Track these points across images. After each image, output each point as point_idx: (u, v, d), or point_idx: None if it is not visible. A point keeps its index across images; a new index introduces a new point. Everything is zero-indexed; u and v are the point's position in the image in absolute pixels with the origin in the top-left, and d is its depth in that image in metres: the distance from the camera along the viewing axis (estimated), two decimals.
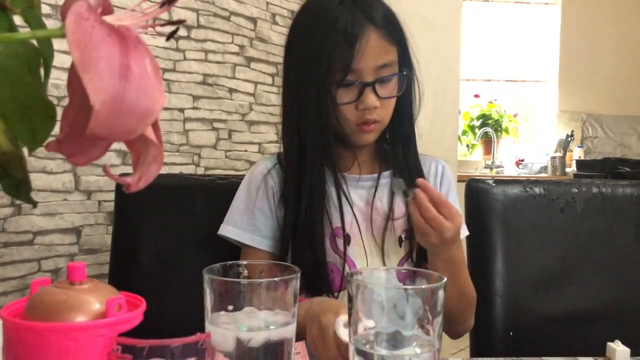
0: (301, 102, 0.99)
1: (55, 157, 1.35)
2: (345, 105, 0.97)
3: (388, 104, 0.99)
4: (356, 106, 0.97)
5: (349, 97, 0.97)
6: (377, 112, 0.97)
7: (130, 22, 0.35)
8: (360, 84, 0.96)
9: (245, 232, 1.02)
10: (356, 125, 0.98)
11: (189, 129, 1.71)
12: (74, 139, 0.36)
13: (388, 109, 1.00)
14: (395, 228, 1.03)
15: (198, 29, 1.71)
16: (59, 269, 1.40)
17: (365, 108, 0.96)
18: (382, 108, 0.98)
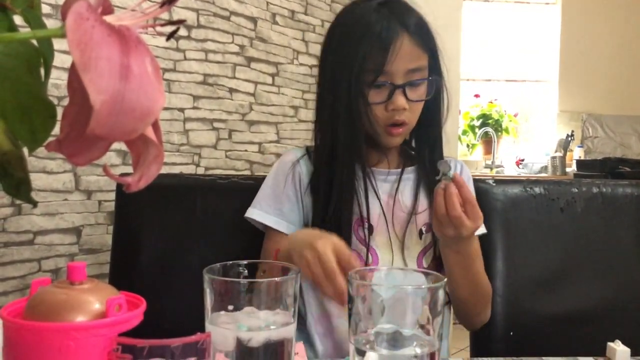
0: (335, 102, 1.04)
1: (56, 157, 1.35)
2: (376, 105, 1.01)
3: (416, 107, 1.04)
4: (386, 107, 1.01)
5: (380, 98, 1.01)
6: (405, 114, 1.02)
7: (130, 22, 0.35)
8: (391, 85, 1.00)
9: (270, 216, 1.06)
10: (385, 126, 1.03)
11: (189, 129, 1.71)
12: (74, 139, 0.36)
13: (416, 113, 1.04)
14: (416, 221, 1.07)
15: (198, 29, 1.71)
16: (59, 269, 1.40)
17: (395, 109, 1.01)
18: (410, 111, 1.02)
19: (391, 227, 1.06)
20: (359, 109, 1.02)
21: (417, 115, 1.05)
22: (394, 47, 0.99)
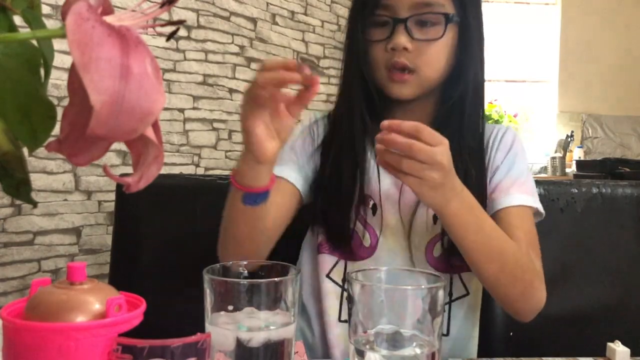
0: (345, 49, 0.94)
1: (56, 157, 1.35)
2: (375, 44, 0.89)
3: (425, 50, 0.88)
4: (386, 47, 0.88)
5: (380, 36, 0.89)
6: (409, 57, 0.87)
7: (130, 23, 0.35)
8: (393, 20, 0.87)
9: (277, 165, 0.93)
10: (386, 70, 0.89)
11: (189, 129, 1.71)
12: (74, 139, 0.36)
13: (425, 57, 0.88)
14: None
15: (198, 29, 1.71)
16: (59, 269, 1.40)
17: (393, 48, 0.87)
18: (416, 53, 0.87)
19: (399, 209, 0.92)
20: (359, 49, 0.90)
21: (430, 61, 0.88)
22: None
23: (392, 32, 0.87)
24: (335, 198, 0.92)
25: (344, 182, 0.91)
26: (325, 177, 0.93)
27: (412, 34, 0.86)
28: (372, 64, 0.90)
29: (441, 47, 0.89)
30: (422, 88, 0.90)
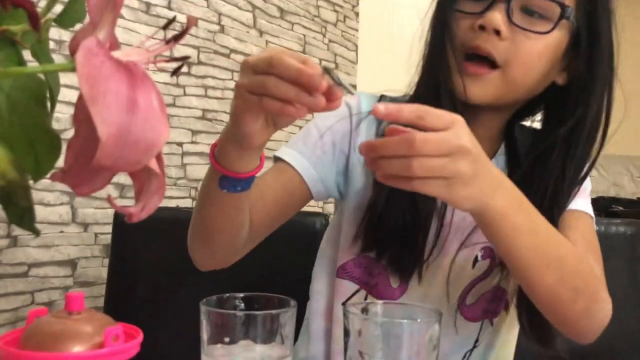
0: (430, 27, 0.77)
1: (54, 189, 1.36)
2: (460, 17, 0.72)
3: (522, 42, 0.70)
4: (474, 24, 0.70)
5: (473, 8, 0.71)
6: (495, 44, 0.69)
7: (137, 58, 0.36)
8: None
9: (288, 147, 0.80)
10: (461, 55, 0.71)
11: (186, 163, 1.72)
12: (78, 170, 0.37)
13: (520, 52, 0.70)
14: (472, 237, 0.77)
15: (198, 66, 1.74)
16: (52, 302, 1.39)
17: (482, 26, 0.69)
18: (509, 44, 0.69)
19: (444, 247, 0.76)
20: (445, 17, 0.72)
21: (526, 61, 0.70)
22: None
23: (488, 7, 0.69)
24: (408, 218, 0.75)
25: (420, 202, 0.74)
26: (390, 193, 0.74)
27: (513, 17, 0.69)
28: (448, 44, 0.72)
29: (544, 49, 0.71)
30: (501, 93, 0.71)
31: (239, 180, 0.64)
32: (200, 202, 0.72)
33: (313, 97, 0.52)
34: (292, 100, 0.52)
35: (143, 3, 1.55)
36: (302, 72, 0.51)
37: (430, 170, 0.53)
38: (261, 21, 1.97)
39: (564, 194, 0.75)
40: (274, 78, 0.52)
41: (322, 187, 0.81)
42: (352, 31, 2.41)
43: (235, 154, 0.63)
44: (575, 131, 0.74)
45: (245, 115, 0.58)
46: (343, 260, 0.84)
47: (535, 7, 0.70)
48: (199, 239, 0.75)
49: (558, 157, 0.74)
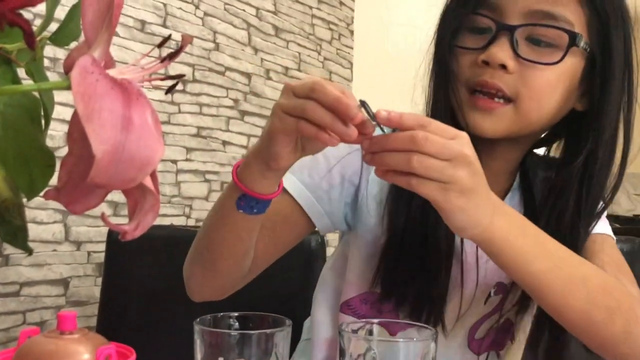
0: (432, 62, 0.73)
1: (47, 207, 1.35)
2: (463, 52, 0.68)
3: (531, 75, 0.65)
4: (476, 58, 0.66)
5: (475, 43, 0.67)
6: (503, 79, 0.65)
7: (132, 76, 0.36)
8: (496, 24, 0.65)
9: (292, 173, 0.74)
10: (467, 91, 0.68)
11: (181, 181, 1.72)
12: (72, 188, 0.36)
13: (531, 86, 0.65)
14: (487, 275, 0.73)
15: (193, 83, 1.75)
16: (44, 322, 1.37)
17: (486, 61, 0.65)
18: (518, 77, 0.65)
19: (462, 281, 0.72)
20: (445, 56, 0.69)
21: (538, 94, 0.65)
22: None
23: (491, 40, 0.65)
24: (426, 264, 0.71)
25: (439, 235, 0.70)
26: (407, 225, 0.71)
27: (518, 49, 0.65)
28: (452, 80, 0.69)
29: (556, 79, 0.67)
30: (514, 128, 0.68)
31: (257, 202, 0.64)
32: (210, 223, 0.71)
33: (347, 127, 0.52)
34: (327, 127, 0.53)
35: (138, 21, 1.56)
36: (340, 100, 0.51)
37: (429, 169, 0.52)
38: (256, 39, 1.98)
39: (582, 229, 0.72)
40: (312, 102, 0.53)
41: (329, 220, 0.78)
42: (347, 49, 2.43)
43: (259, 173, 0.63)
44: (589, 161, 0.70)
45: (279, 135, 0.58)
46: (348, 295, 0.81)
47: (542, 36, 0.66)
48: (200, 263, 0.74)
49: (573, 191, 0.71)
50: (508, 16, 0.66)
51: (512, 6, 0.65)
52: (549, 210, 0.72)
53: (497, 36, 0.66)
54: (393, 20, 2.50)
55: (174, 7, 1.66)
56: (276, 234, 0.75)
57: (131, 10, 1.54)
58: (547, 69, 0.66)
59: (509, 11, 0.66)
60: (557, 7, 0.65)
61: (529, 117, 0.68)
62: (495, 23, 0.66)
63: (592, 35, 0.67)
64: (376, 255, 0.77)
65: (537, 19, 0.65)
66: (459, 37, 0.69)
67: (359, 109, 0.52)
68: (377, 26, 2.47)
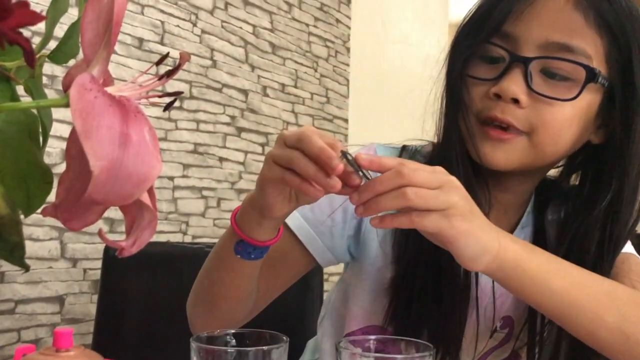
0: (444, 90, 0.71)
1: (43, 224, 1.35)
2: (474, 83, 0.65)
3: (547, 111, 0.62)
4: (488, 90, 0.64)
5: (487, 73, 0.65)
6: (515, 114, 0.62)
7: (130, 93, 0.37)
8: (510, 55, 0.63)
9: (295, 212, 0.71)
10: (478, 123, 0.65)
11: (177, 197, 1.72)
12: (69, 205, 0.37)
13: (546, 120, 0.62)
14: (495, 308, 0.71)
15: (190, 100, 1.75)
16: (39, 340, 1.36)
17: (498, 94, 0.62)
18: (531, 111, 0.63)
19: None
20: (456, 86, 0.66)
21: (551, 129, 0.62)
22: (531, 0, 0.62)
23: (503, 72, 0.63)
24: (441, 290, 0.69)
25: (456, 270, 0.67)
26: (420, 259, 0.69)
27: (533, 83, 0.62)
28: (462, 109, 0.66)
29: (572, 113, 0.63)
30: (527, 160, 0.65)
31: (254, 248, 0.64)
32: (210, 265, 0.71)
33: (330, 178, 0.52)
34: (311, 178, 0.53)
35: (135, 38, 1.57)
36: (322, 151, 0.52)
37: (425, 198, 0.51)
38: (253, 56, 1.99)
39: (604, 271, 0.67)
40: (299, 153, 0.53)
41: (331, 255, 0.77)
42: (344, 66, 2.45)
43: (255, 220, 0.63)
44: (614, 201, 0.66)
45: (268, 185, 0.58)
46: (351, 328, 0.80)
47: (557, 69, 0.63)
48: (202, 304, 0.74)
49: (595, 236, 0.67)
50: (522, 47, 0.63)
51: (527, 36, 0.63)
52: (565, 252, 0.68)
53: (510, 68, 0.63)
54: (389, 38, 2.52)
55: (171, 25, 1.68)
56: (277, 271, 0.74)
57: (129, 27, 1.55)
58: (562, 104, 0.63)
59: (524, 41, 0.63)
60: (575, 39, 0.62)
61: (543, 150, 0.65)
62: (509, 54, 0.63)
63: (612, 66, 0.64)
64: (380, 288, 0.75)
65: (553, 51, 0.62)
66: (470, 66, 0.67)
67: (342, 160, 0.53)
68: (373, 44, 2.49)
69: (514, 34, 0.63)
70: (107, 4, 0.34)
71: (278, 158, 0.56)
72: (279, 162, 0.56)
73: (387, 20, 2.49)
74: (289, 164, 0.54)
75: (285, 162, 0.55)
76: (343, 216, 0.76)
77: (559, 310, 0.57)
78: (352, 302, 0.80)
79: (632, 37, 0.63)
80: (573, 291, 0.57)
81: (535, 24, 0.62)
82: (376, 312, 0.77)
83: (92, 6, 0.34)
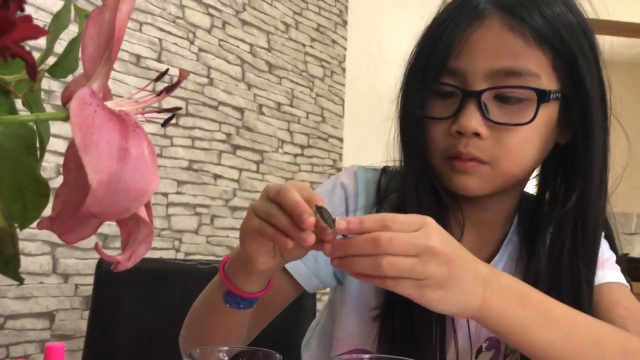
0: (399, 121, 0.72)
1: (35, 239, 1.34)
2: (434, 122, 0.66)
3: (505, 138, 0.64)
4: (450, 128, 0.65)
5: (442, 112, 0.66)
6: (479, 146, 0.63)
7: (129, 108, 0.37)
8: (461, 92, 0.64)
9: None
10: (444, 159, 0.66)
11: (171, 214, 1.72)
12: (66, 218, 0.37)
13: (507, 148, 0.64)
14: (478, 329, 0.71)
15: (186, 117, 1.76)
16: (28, 356, 1.34)
17: (459, 131, 0.64)
18: (493, 142, 0.64)
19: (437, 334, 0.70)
20: (412, 129, 0.68)
21: (513, 154, 0.64)
22: (470, 29, 0.63)
23: (459, 109, 0.64)
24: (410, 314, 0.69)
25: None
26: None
27: (489, 113, 0.63)
28: (429, 146, 0.67)
29: (532, 134, 0.64)
30: (496, 184, 0.67)
31: (243, 299, 0.64)
32: (200, 308, 0.72)
33: (303, 232, 0.53)
34: (285, 231, 0.54)
35: (133, 55, 1.58)
36: (296, 205, 0.53)
37: (400, 270, 0.51)
38: (250, 75, 2.01)
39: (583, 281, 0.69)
40: (276, 208, 0.55)
41: (317, 281, 0.77)
42: (339, 86, 2.46)
43: (242, 273, 0.63)
44: (582, 198, 0.67)
45: (247, 235, 0.59)
46: (338, 350, 0.79)
47: (510, 93, 0.64)
48: (194, 343, 0.73)
49: (569, 231, 0.69)
50: (471, 80, 0.64)
51: (473, 68, 0.64)
52: (547, 254, 0.70)
53: (464, 103, 0.64)
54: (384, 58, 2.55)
55: (169, 42, 1.69)
56: (265, 302, 0.72)
57: (127, 44, 1.56)
58: (520, 130, 0.64)
59: (471, 74, 0.64)
60: (519, 61, 0.63)
61: (508, 174, 0.67)
62: (460, 90, 0.64)
63: (561, 75, 0.65)
64: (365, 313, 0.75)
65: (501, 78, 0.63)
66: (425, 105, 0.68)
67: (315, 214, 0.53)
68: (368, 64, 2.52)
69: (460, 68, 0.64)
70: (109, 20, 0.35)
71: (258, 210, 0.57)
72: (258, 214, 0.57)
73: (383, 41, 2.51)
74: (267, 216, 0.56)
75: (264, 214, 0.56)
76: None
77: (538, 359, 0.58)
78: (339, 325, 0.81)
79: (572, 43, 0.64)
80: (557, 344, 0.57)
81: (478, 56, 0.63)
82: (362, 336, 0.77)
83: (94, 21, 0.35)
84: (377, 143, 0.86)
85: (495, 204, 0.73)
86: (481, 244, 0.75)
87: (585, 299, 0.69)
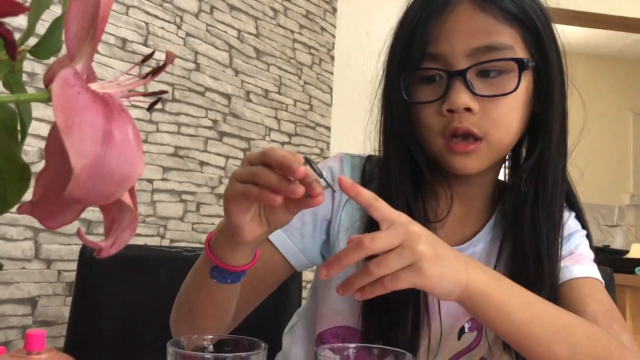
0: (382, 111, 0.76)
1: (17, 224, 1.32)
2: (424, 107, 0.70)
3: (494, 108, 0.69)
4: (440, 109, 0.69)
5: (430, 95, 0.70)
6: (472, 120, 0.68)
7: (113, 91, 0.36)
8: (446, 74, 0.68)
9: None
10: (443, 140, 0.70)
11: (156, 200, 1.70)
12: (47, 202, 0.36)
13: (495, 117, 0.69)
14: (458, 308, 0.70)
15: (173, 103, 1.74)
16: (9, 342, 1.33)
17: (451, 109, 0.68)
18: (482, 114, 0.68)
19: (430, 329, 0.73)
20: (397, 114, 0.72)
21: (503, 123, 0.69)
22: (443, 16, 0.68)
23: (447, 89, 0.68)
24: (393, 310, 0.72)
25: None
26: None
27: (475, 88, 0.68)
28: (423, 132, 0.71)
29: (515, 102, 0.70)
30: (492, 157, 0.71)
31: (230, 273, 0.65)
32: (188, 286, 0.72)
33: (292, 184, 0.54)
34: (274, 186, 0.54)
35: (119, 39, 1.55)
36: (285, 159, 0.53)
37: (390, 266, 0.54)
38: (237, 61, 1.99)
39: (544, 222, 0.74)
40: (261, 167, 0.55)
41: (304, 257, 0.79)
42: (327, 74, 2.45)
43: (228, 247, 0.63)
44: (541, 162, 0.74)
45: (230, 204, 0.59)
46: (321, 328, 0.81)
47: (490, 67, 0.69)
48: (184, 323, 0.74)
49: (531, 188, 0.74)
50: (453, 61, 0.69)
51: (453, 51, 0.68)
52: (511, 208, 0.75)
53: (451, 83, 0.68)
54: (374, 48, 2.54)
55: (155, 27, 1.66)
56: (257, 279, 0.74)
57: (113, 27, 1.53)
58: (505, 99, 0.69)
59: (452, 57, 0.69)
60: (494, 37, 0.68)
61: (501, 145, 0.72)
62: (445, 72, 0.69)
63: (530, 47, 0.71)
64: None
65: (481, 55, 0.68)
66: (411, 92, 0.72)
67: (304, 165, 0.54)
68: (357, 53, 2.50)
69: (441, 53, 0.69)
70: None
71: (242, 176, 0.57)
72: (241, 179, 0.57)
73: (372, 30, 2.50)
74: (252, 178, 0.56)
75: (248, 177, 0.56)
76: (312, 217, 0.79)
77: (517, 340, 0.61)
78: (322, 303, 0.82)
79: (536, 18, 0.70)
80: (532, 324, 0.60)
81: (455, 38, 0.68)
82: (344, 312, 0.79)
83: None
84: (364, 132, 0.86)
85: (475, 179, 0.76)
86: (466, 220, 0.79)
87: (544, 249, 0.73)
